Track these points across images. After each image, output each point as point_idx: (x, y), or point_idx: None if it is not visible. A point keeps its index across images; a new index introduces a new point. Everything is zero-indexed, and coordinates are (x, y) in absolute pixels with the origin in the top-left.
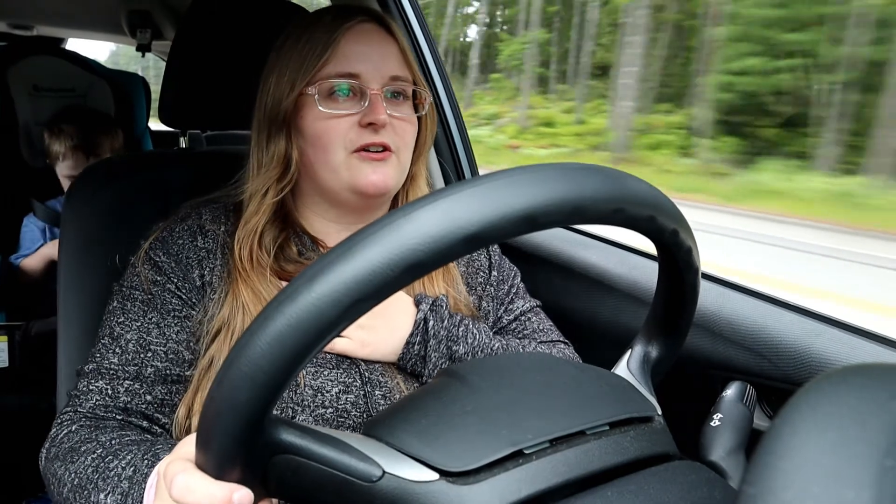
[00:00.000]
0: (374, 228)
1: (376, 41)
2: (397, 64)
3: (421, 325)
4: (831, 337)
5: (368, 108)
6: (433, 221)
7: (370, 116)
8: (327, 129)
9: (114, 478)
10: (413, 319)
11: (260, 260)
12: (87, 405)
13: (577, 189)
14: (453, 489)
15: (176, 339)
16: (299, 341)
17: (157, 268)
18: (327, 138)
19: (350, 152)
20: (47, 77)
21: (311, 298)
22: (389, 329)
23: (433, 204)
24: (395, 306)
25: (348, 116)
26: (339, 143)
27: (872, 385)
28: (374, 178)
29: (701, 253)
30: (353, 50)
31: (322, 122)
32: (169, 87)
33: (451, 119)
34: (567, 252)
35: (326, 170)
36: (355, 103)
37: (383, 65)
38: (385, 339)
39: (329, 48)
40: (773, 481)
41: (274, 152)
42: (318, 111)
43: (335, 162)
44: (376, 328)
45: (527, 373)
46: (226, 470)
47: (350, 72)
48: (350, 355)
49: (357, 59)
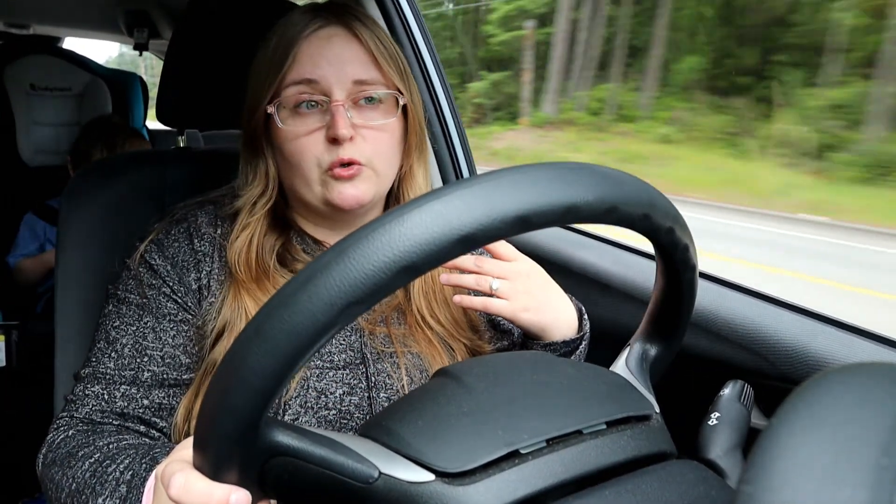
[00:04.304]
0: (367, 231)
1: (338, 45)
2: (362, 67)
3: (584, 317)
4: (829, 336)
5: (330, 120)
6: (426, 224)
7: (332, 131)
8: (297, 149)
9: (112, 482)
10: (572, 305)
11: (260, 267)
12: (84, 410)
13: (571, 189)
14: (449, 490)
15: (172, 344)
16: (292, 344)
17: (153, 271)
18: (299, 157)
19: (324, 171)
20: (44, 76)
21: (303, 302)
22: (548, 301)
23: (426, 206)
24: (551, 283)
25: (316, 132)
26: (311, 162)
27: (869, 384)
28: (346, 193)
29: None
30: (312, 56)
31: (292, 142)
32: (166, 86)
33: (450, 120)
34: (565, 251)
35: (302, 186)
36: (320, 116)
37: (344, 69)
38: (544, 307)
39: (288, 57)
40: (770, 480)
41: (256, 168)
42: (284, 129)
43: (310, 180)
44: (536, 295)
45: (524, 372)
46: (223, 471)
47: (308, 78)
48: (507, 317)
49: (315, 65)
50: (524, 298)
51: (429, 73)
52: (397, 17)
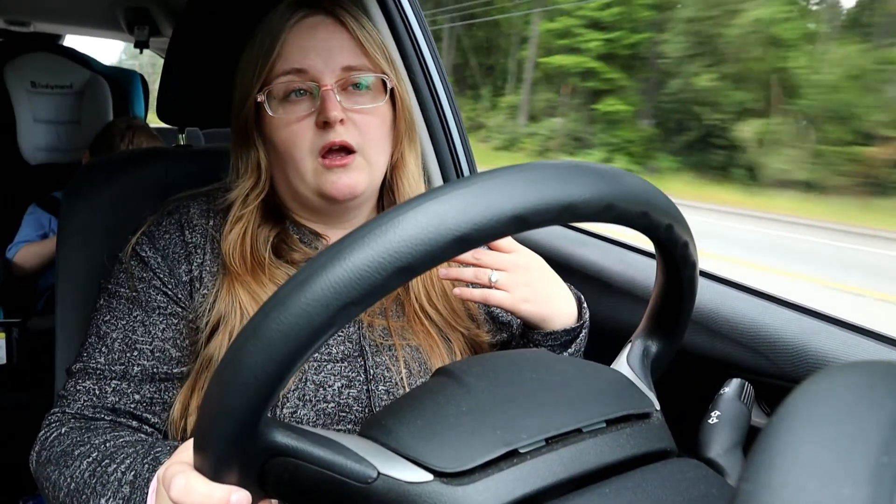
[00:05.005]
0: (363, 232)
1: (324, 33)
2: (350, 54)
3: (583, 305)
4: (829, 334)
5: (321, 105)
6: (422, 224)
7: (322, 114)
8: (289, 136)
9: (114, 482)
10: (570, 293)
11: (255, 259)
12: (76, 406)
13: (567, 187)
14: (447, 490)
15: (162, 337)
16: (289, 345)
17: (144, 263)
18: (291, 144)
19: (317, 157)
20: (45, 74)
21: (300, 303)
22: (548, 291)
23: (421, 206)
24: (551, 273)
25: (307, 118)
26: (304, 149)
27: (869, 382)
28: (340, 183)
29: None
30: (300, 45)
31: (283, 129)
32: (167, 84)
33: (451, 118)
34: (565, 250)
35: (296, 177)
36: (310, 103)
37: (332, 56)
38: (544, 298)
39: (275, 47)
40: (771, 478)
41: (248, 160)
42: (275, 118)
43: (303, 169)
44: (535, 286)
45: (524, 371)
46: (223, 472)
47: (296, 67)
48: (507, 308)
49: (303, 55)
50: (524, 290)
51: (430, 73)
52: (399, 16)
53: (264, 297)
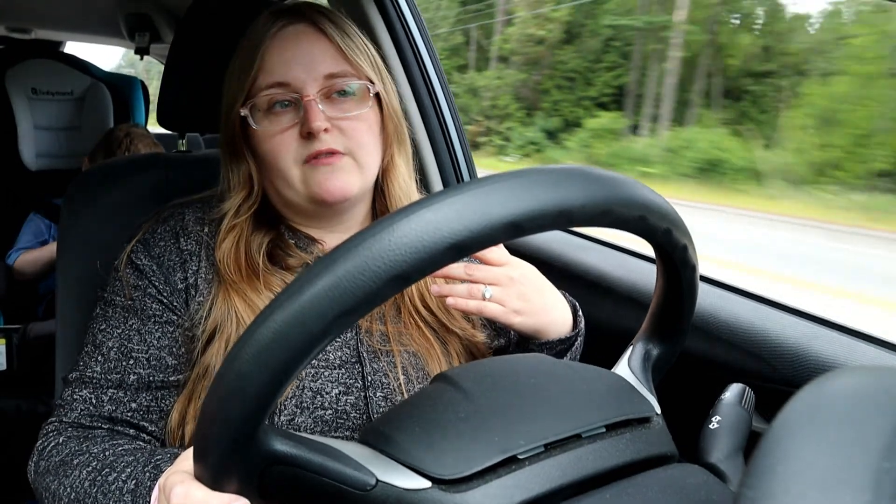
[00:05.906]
0: (357, 241)
1: (304, 42)
2: (331, 61)
3: (578, 314)
4: (830, 339)
5: (304, 116)
6: (416, 232)
7: (306, 126)
8: (274, 148)
9: (115, 491)
10: (565, 301)
11: (250, 267)
12: (73, 415)
13: (562, 192)
14: (446, 497)
15: (158, 345)
16: (286, 355)
17: (139, 271)
18: (276, 155)
19: (301, 164)
20: (45, 80)
21: (295, 312)
22: (542, 302)
23: (415, 214)
24: (545, 283)
25: (291, 129)
26: (289, 159)
27: (869, 388)
28: (330, 185)
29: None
30: (281, 57)
31: (268, 141)
32: (167, 89)
33: (450, 121)
34: (566, 255)
35: (285, 186)
36: (295, 113)
37: (314, 65)
38: (539, 309)
39: (256, 61)
40: (772, 484)
41: (238, 173)
42: (259, 130)
43: (291, 178)
44: (529, 298)
45: (523, 376)
46: (222, 480)
47: (278, 81)
48: (501, 321)
49: (285, 66)
50: (517, 303)
51: (429, 75)
52: (397, 18)
53: (260, 304)
